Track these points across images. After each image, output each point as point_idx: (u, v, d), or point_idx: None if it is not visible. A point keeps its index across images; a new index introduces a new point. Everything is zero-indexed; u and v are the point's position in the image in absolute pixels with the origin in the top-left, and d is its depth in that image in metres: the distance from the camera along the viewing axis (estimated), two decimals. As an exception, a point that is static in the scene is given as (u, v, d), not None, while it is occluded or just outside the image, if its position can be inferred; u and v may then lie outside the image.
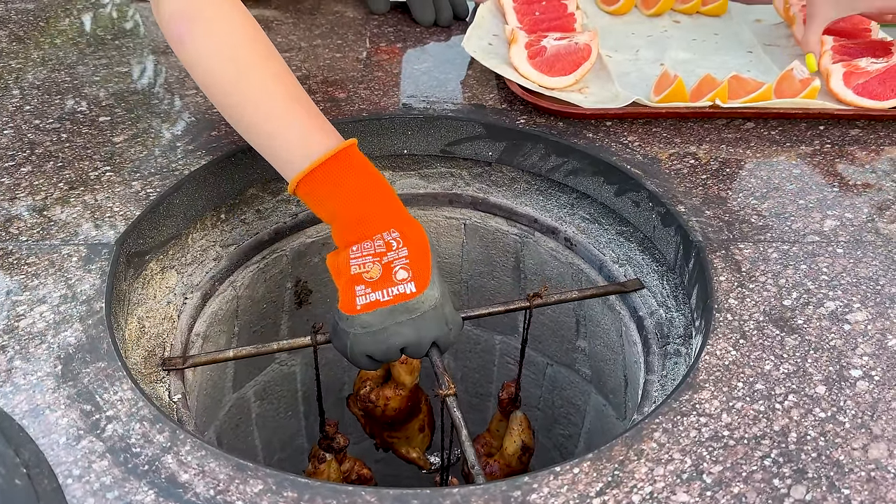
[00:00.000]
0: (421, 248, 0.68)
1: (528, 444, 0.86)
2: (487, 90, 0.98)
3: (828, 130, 0.91)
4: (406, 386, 0.87)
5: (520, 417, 0.87)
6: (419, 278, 0.67)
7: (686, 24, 1.12)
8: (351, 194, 0.68)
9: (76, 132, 0.85)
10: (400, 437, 0.94)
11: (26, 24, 1.12)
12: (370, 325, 0.65)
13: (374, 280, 0.66)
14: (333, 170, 0.68)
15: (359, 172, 0.69)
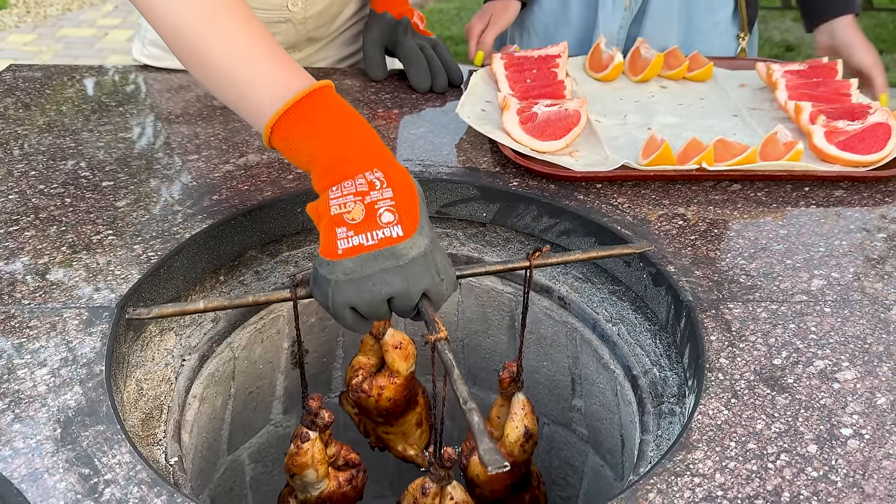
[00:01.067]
0: (407, 192, 0.63)
1: (531, 430, 0.80)
2: (481, 154, 1.01)
3: (813, 191, 0.94)
4: (401, 374, 0.81)
5: (522, 400, 0.80)
6: (406, 222, 0.61)
7: (673, 90, 1.16)
8: (329, 133, 0.64)
9: (80, 197, 0.87)
10: (396, 432, 0.88)
11: (33, 91, 1.15)
12: (353, 271, 0.60)
13: (357, 222, 0.61)
14: (308, 110, 0.64)
15: (336, 111, 0.65)
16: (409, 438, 0.89)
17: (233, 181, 0.92)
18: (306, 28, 1.23)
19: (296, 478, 0.76)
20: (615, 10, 1.33)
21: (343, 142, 0.63)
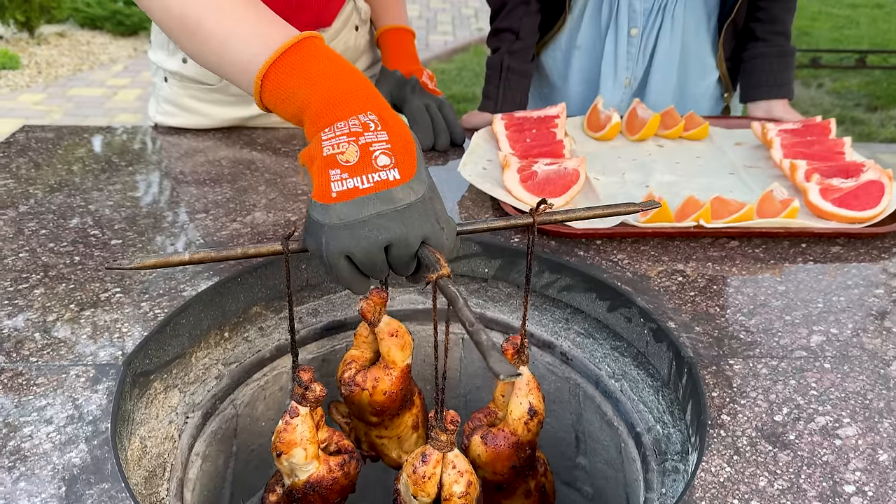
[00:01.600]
0: (403, 136, 0.60)
1: (535, 407, 0.75)
2: (483, 211, 1.03)
3: (810, 248, 0.95)
4: (397, 365, 0.75)
5: (527, 376, 0.76)
6: (403, 166, 0.59)
7: (670, 149, 1.19)
8: (320, 77, 0.62)
9: (88, 255, 0.89)
10: (390, 436, 0.82)
11: (45, 151, 1.18)
12: (348, 215, 0.57)
13: (351, 164, 0.58)
14: (298, 58, 0.63)
15: (326, 58, 0.63)
16: (405, 444, 0.83)
17: (239, 238, 0.94)
18: None
19: (283, 458, 0.70)
20: (615, 88, 1.38)
21: (335, 85, 0.61)
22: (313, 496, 0.72)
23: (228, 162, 1.16)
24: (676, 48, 1.36)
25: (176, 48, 1.24)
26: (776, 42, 1.35)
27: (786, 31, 1.37)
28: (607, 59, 1.38)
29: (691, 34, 1.36)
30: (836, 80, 5.24)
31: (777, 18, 1.35)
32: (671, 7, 1.33)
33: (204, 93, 1.26)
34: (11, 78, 4.76)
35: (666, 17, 1.34)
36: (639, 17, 1.34)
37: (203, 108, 1.27)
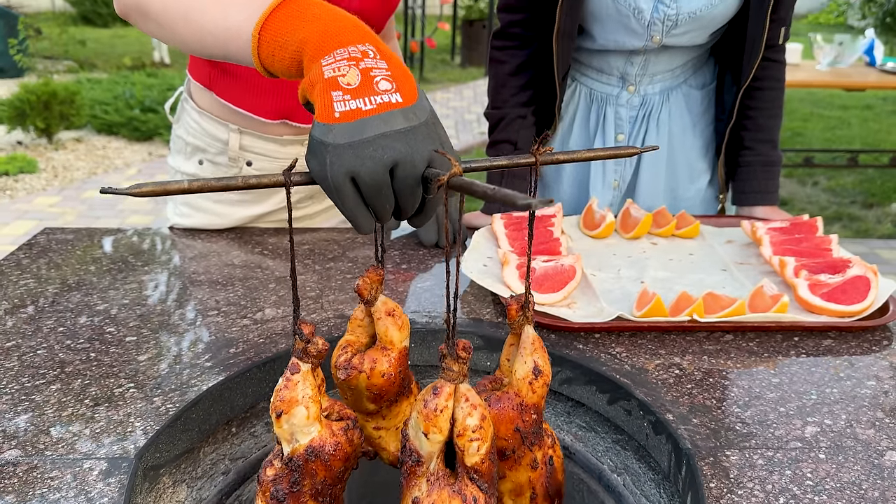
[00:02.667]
0: (401, 66, 0.60)
1: (540, 367, 0.71)
2: (484, 306, 1.07)
3: (802, 341, 0.98)
4: (395, 345, 0.72)
5: (532, 336, 0.72)
6: (404, 91, 0.58)
7: (663, 246, 1.24)
8: (316, 18, 0.63)
9: (104, 351, 0.92)
10: (388, 427, 0.78)
11: (64, 252, 1.23)
12: (352, 135, 0.56)
13: (353, 87, 0.58)
14: (293, 6, 0.64)
15: (320, 5, 0.65)
16: None
17: (249, 335, 0.97)
18: None
19: (282, 419, 0.65)
20: (604, 190, 1.45)
21: (332, 22, 0.63)
22: (315, 463, 0.66)
23: (240, 262, 1.21)
24: (663, 153, 1.43)
25: (192, 152, 1.32)
26: (761, 150, 1.41)
27: (772, 138, 1.42)
28: (596, 161, 1.44)
29: (677, 139, 1.43)
30: (831, 179, 5.37)
31: (762, 127, 1.41)
32: (655, 114, 1.41)
33: (218, 193, 1.32)
34: (29, 181, 4.92)
35: (651, 123, 1.42)
36: (624, 124, 1.42)
37: (217, 209, 1.34)
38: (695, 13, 1.26)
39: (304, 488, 0.67)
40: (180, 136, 1.34)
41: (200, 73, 1.28)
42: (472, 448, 0.62)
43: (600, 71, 1.41)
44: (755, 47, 1.31)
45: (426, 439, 0.62)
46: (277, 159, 1.31)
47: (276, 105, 1.25)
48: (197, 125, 1.31)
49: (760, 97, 1.40)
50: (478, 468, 0.63)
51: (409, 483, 0.64)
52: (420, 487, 0.63)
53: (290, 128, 1.29)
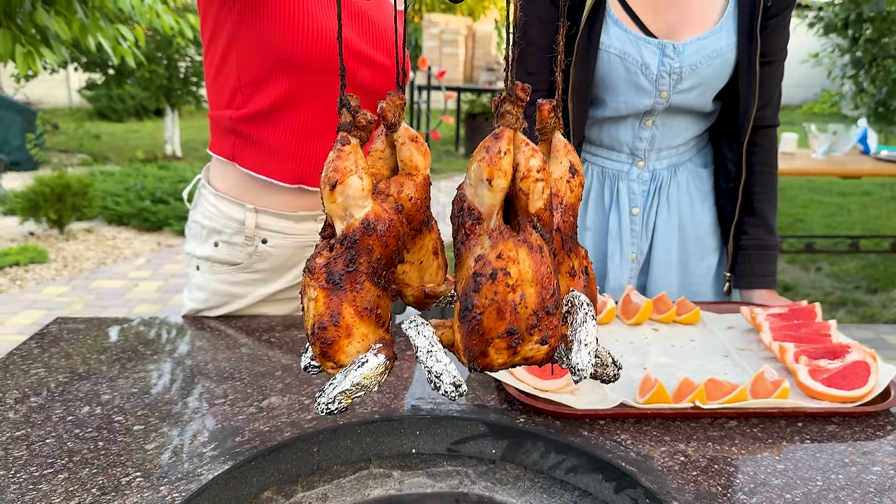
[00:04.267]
0: None
1: (575, 166, 0.70)
2: (488, 392, 1.08)
3: (806, 427, 0.98)
4: (419, 171, 0.71)
5: (563, 141, 0.70)
6: None
7: (664, 332, 1.25)
8: None
9: (112, 440, 0.93)
10: (412, 262, 0.75)
11: (76, 341, 1.25)
12: None
13: None
14: None
15: None
16: (427, 272, 0.76)
17: (255, 423, 0.98)
18: None
19: (337, 191, 0.64)
20: (623, 263, 1.49)
21: None
22: (371, 238, 0.66)
23: (247, 350, 1.23)
24: (674, 225, 1.48)
25: (208, 235, 1.37)
26: (758, 235, 1.47)
27: (767, 223, 1.47)
28: (613, 235, 1.49)
29: (686, 214, 1.48)
30: (834, 264, 5.41)
31: (759, 212, 1.46)
32: (665, 188, 1.47)
33: (232, 274, 1.37)
34: (38, 271, 4.99)
35: (661, 197, 1.47)
36: (638, 198, 1.48)
37: (233, 290, 1.38)
38: (696, 65, 1.35)
39: (361, 267, 0.66)
40: (197, 220, 1.39)
41: (223, 146, 1.35)
42: (537, 189, 0.62)
43: (611, 149, 1.48)
44: (748, 107, 1.39)
45: (489, 189, 0.62)
46: (292, 235, 1.37)
47: (295, 170, 1.33)
48: (214, 208, 1.36)
49: (753, 182, 1.46)
50: (540, 215, 0.64)
51: (468, 246, 0.64)
52: (482, 244, 0.63)
53: (306, 198, 1.36)
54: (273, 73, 1.26)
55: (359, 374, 0.64)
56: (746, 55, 1.36)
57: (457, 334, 0.66)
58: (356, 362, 0.65)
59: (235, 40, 1.26)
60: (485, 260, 0.63)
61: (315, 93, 1.28)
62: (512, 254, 0.63)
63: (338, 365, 0.67)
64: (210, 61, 1.32)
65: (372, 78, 1.31)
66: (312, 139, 1.32)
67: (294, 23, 1.21)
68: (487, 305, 0.63)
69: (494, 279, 0.62)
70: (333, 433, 0.97)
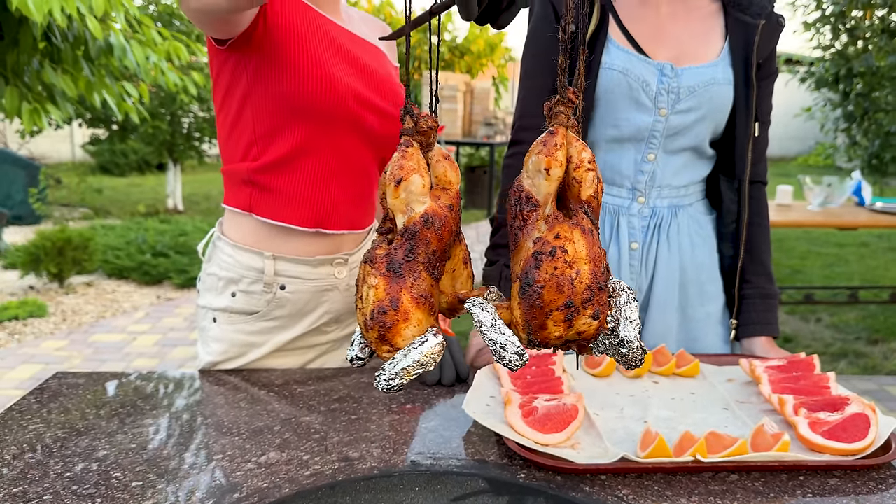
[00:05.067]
0: None
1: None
2: (489, 446, 1.07)
3: (808, 481, 0.98)
4: (453, 185, 0.79)
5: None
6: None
7: (665, 385, 1.25)
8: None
9: (109, 497, 0.92)
10: (447, 271, 0.82)
11: (75, 396, 1.25)
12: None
13: None
14: None
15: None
16: (458, 279, 0.83)
17: (253, 479, 0.97)
18: (349, 296, 1.45)
19: (401, 187, 0.72)
20: None
21: None
22: (429, 231, 0.74)
23: (246, 404, 1.23)
24: (675, 265, 1.48)
25: (224, 286, 1.39)
26: (759, 283, 1.48)
27: (768, 272, 1.49)
28: (612, 269, 1.49)
29: (687, 255, 1.49)
30: (833, 315, 5.40)
31: (759, 261, 1.49)
32: (665, 226, 1.48)
33: (250, 323, 1.40)
34: (37, 325, 4.98)
35: (662, 234, 1.48)
36: (637, 233, 1.48)
37: (252, 339, 1.40)
38: (693, 88, 1.40)
39: (419, 257, 0.74)
40: (213, 273, 1.42)
41: (239, 198, 1.39)
42: (588, 178, 0.73)
43: (611, 184, 1.49)
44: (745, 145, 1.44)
45: (546, 178, 0.72)
46: (309, 280, 1.41)
47: (312, 214, 1.37)
48: (231, 259, 1.39)
49: (751, 232, 1.49)
50: (590, 202, 0.74)
51: (525, 231, 0.73)
52: (539, 228, 0.73)
53: (322, 243, 1.40)
54: (287, 123, 1.31)
55: (419, 352, 0.72)
56: (744, 97, 1.43)
57: (516, 311, 0.74)
58: (416, 342, 0.73)
59: (250, 96, 1.31)
60: (544, 240, 0.72)
61: (328, 139, 1.34)
62: (568, 234, 0.72)
63: (394, 348, 0.74)
64: (224, 119, 1.37)
65: (379, 124, 1.39)
66: (328, 184, 1.37)
67: (308, 75, 1.28)
68: (548, 280, 0.71)
69: (554, 256, 0.71)
70: (332, 489, 0.96)
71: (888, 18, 5.84)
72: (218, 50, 1.30)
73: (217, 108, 1.39)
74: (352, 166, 1.39)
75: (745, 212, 1.48)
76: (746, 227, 1.49)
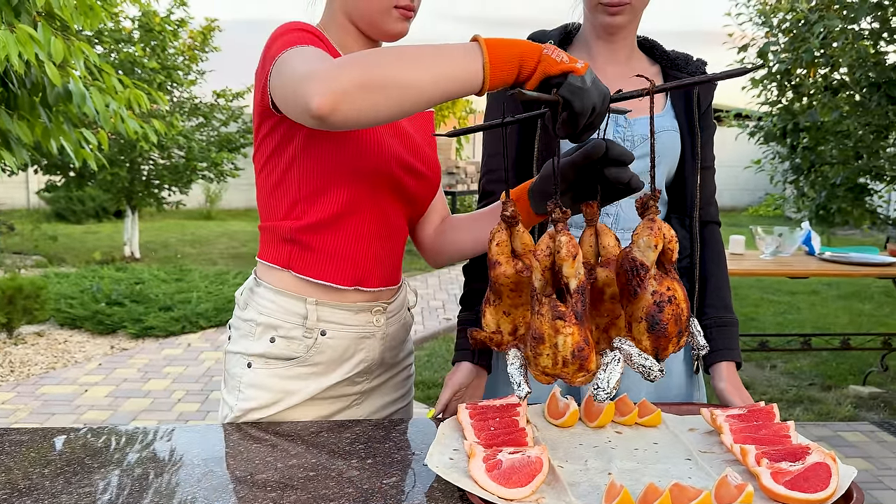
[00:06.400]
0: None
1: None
2: (453, 501, 1.05)
3: (771, 531, 0.97)
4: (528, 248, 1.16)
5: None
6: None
7: (628, 435, 1.25)
8: (513, 42, 1.06)
9: (52, 562, 0.87)
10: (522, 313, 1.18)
11: (18, 454, 1.20)
12: (588, 80, 1.03)
13: (567, 60, 1.04)
14: (492, 42, 1.05)
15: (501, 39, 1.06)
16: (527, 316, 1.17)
17: (207, 540, 0.93)
18: (384, 346, 1.46)
19: (576, 260, 1.03)
20: None
21: (521, 42, 1.06)
22: (588, 287, 1.08)
23: (199, 460, 1.18)
24: None
25: (263, 332, 1.38)
26: (717, 314, 1.55)
27: (724, 304, 1.56)
28: None
29: None
30: (788, 362, 5.50)
31: (714, 293, 1.56)
32: None
33: (288, 368, 1.38)
34: (-18, 377, 4.78)
35: None
36: None
37: (287, 385, 1.38)
38: (646, 135, 1.48)
39: (586, 307, 1.06)
40: (250, 319, 1.40)
41: (279, 255, 1.39)
42: (676, 248, 1.10)
43: (579, 227, 1.53)
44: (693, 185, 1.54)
45: (652, 251, 1.06)
46: (349, 326, 1.41)
47: (351, 272, 1.38)
48: (272, 304, 1.38)
49: (708, 269, 1.57)
50: (674, 264, 1.10)
51: (642, 289, 1.06)
52: (652, 285, 1.06)
53: (362, 294, 1.41)
54: (333, 184, 1.33)
55: (621, 366, 1.05)
56: (689, 145, 1.53)
57: (645, 343, 1.07)
58: (612, 361, 1.06)
59: (299, 158, 1.33)
60: (659, 292, 1.06)
61: (370, 200, 1.37)
62: (673, 286, 1.07)
63: (589, 373, 1.06)
64: (266, 176, 1.39)
65: (416, 186, 1.43)
66: (368, 243, 1.39)
67: (359, 140, 1.32)
68: (669, 318, 1.06)
69: (671, 302, 1.06)
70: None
71: (830, 76, 6.11)
72: (271, 112, 1.30)
73: (259, 166, 1.40)
74: (389, 225, 1.42)
75: (698, 246, 1.56)
76: (705, 263, 1.57)
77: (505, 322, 1.16)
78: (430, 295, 7.48)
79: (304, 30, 1.28)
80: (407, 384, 1.58)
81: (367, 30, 1.37)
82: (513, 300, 1.15)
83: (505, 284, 1.13)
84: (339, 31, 1.39)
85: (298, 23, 1.30)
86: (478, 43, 1.06)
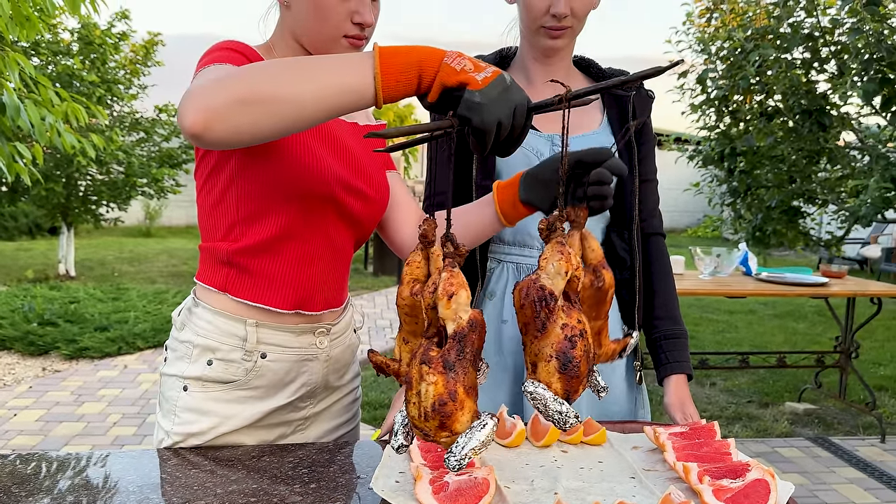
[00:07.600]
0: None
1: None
2: (397, 527, 1.03)
3: (713, 548, 0.99)
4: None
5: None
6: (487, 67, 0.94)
7: (574, 454, 1.25)
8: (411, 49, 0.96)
9: None
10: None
11: (-62, 483, 1.13)
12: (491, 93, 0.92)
13: (472, 69, 0.93)
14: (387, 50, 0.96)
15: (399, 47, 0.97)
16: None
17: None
18: (327, 368, 1.42)
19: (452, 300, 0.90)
20: None
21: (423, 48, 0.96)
22: (474, 334, 0.91)
23: (134, 487, 1.14)
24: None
25: (200, 353, 1.33)
26: (665, 326, 1.59)
27: (671, 315, 1.59)
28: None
29: None
30: (727, 380, 5.63)
31: (661, 304, 1.59)
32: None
33: (226, 391, 1.33)
34: None
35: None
36: None
37: (226, 409, 1.33)
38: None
39: (467, 356, 0.90)
40: (186, 340, 1.35)
41: (214, 277, 1.34)
42: (581, 276, 0.98)
43: (523, 245, 1.57)
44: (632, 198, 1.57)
45: (562, 278, 0.94)
46: (291, 348, 1.36)
47: (292, 296, 1.33)
48: (210, 325, 1.33)
49: (655, 282, 1.60)
50: (580, 296, 1.02)
51: (551, 321, 0.93)
52: (561, 317, 0.94)
53: (304, 317, 1.36)
54: (272, 207, 1.28)
55: (483, 434, 0.88)
56: (627, 160, 1.56)
57: (556, 385, 0.94)
58: (476, 426, 0.89)
59: (237, 178, 1.29)
60: (570, 326, 0.94)
61: (312, 223, 1.32)
62: (582, 318, 0.96)
63: (453, 433, 0.90)
64: (206, 197, 1.34)
65: (361, 209, 1.38)
66: (310, 266, 1.34)
67: (298, 162, 1.27)
68: (581, 355, 0.94)
69: (583, 336, 0.95)
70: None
71: (766, 103, 6.36)
72: None
73: (199, 184, 1.35)
74: (332, 248, 1.37)
75: (639, 258, 1.58)
76: (651, 276, 1.60)
77: (405, 350, 1.05)
78: (378, 314, 7.43)
79: (231, 49, 1.23)
80: (353, 408, 1.55)
81: (315, 54, 1.35)
82: (410, 326, 1.03)
83: (401, 307, 1.02)
84: (286, 51, 1.36)
85: (230, 41, 1.26)
86: (372, 51, 0.97)
